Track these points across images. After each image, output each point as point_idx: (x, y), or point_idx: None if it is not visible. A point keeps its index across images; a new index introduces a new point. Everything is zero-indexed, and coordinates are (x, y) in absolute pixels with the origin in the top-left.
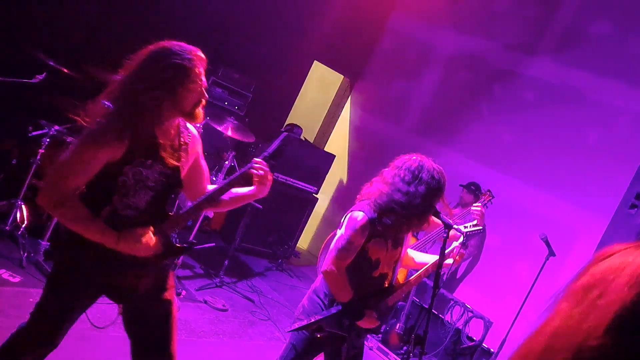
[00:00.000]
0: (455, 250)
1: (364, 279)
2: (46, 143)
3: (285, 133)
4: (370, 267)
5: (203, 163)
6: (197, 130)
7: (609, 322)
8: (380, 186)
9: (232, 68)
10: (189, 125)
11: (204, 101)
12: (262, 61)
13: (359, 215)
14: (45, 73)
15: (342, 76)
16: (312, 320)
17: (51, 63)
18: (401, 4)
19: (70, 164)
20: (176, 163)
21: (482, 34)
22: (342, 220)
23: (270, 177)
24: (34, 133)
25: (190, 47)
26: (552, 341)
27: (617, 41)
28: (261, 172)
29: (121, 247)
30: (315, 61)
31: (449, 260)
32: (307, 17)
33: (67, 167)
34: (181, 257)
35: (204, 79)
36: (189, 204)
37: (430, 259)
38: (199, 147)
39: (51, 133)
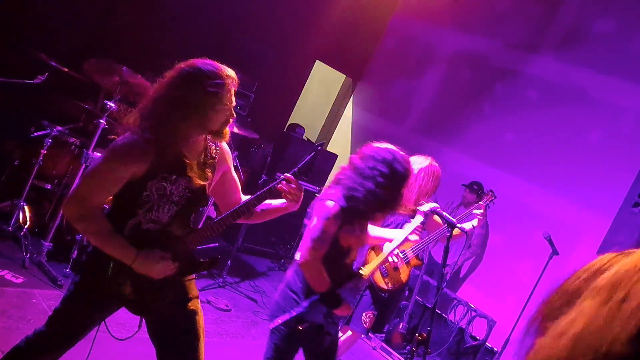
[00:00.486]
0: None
1: (337, 267)
2: (48, 144)
3: (319, 147)
4: (343, 254)
5: (234, 175)
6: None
7: (633, 331)
8: (353, 176)
9: (234, 68)
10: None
11: (231, 120)
12: (264, 61)
13: (331, 204)
14: (46, 73)
15: (344, 76)
16: (294, 314)
17: (53, 63)
18: (403, 4)
19: (94, 179)
20: (203, 182)
21: (484, 33)
22: (310, 210)
23: (301, 192)
24: (36, 134)
25: (222, 67)
26: (576, 343)
27: (620, 39)
28: (291, 188)
29: (136, 267)
30: (317, 61)
31: (414, 237)
32: (309, 17)
33: (92, 182)
34: None
35: (233, 99)
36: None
37: (383, 232)
38: (228, 161)
39: (53, 134)
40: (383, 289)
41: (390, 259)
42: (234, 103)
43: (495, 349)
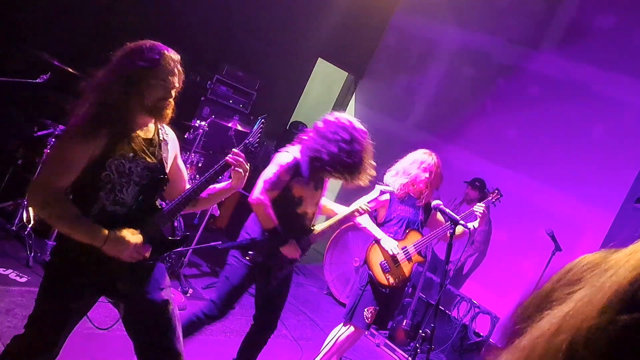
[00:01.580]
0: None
1: (288, 213)
2: (52, 143)
3: (262, 119)
4: (294, 203)
5: (181, 163)
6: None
7: (606, 302)
8: (316, 138)
9: (237, 66)
10: (165, 126)
11: (171, 100)
12: (266, 59)
13: (288, 156)
14: (50, 73)
15: (347, 73)
16: (241, 242)
17: (56, 63)
18: (404, 1)
19: (53, 164)
20: (154, 158)
21: (486, 30)
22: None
23: (245, 166)
24: (40, 133)
25: (164, 47)
26: (562, 323)
27: (621, 34)
28: (238, 160)
29: (106, 249)
30: (319, 59)
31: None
32: (311, 15)
33: (51, 167)
34: (187, 256)
35: (172, 78)
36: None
37: (336, 208)
38: (177, 147)
39: (56, 133)
40: (384, 285)
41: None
42: (175, 84)
43: (499, 346)
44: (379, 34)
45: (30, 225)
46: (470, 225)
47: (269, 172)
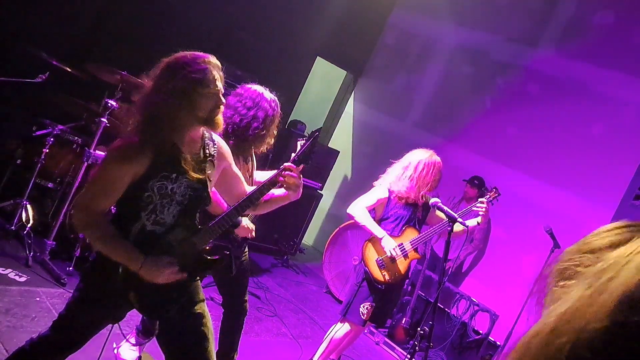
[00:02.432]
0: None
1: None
2: (50, 142)
3: (317, 133)
4: None
5: (236, 170)
6: (227, 143)
7: (612, 305)
8: (231, 112)
9: (235, 65)
10: (215, 137)
11: (222, 107)
12: (264, 58)
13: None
14: (48, 72)
15: (345, 72)
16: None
17: (54, 62)
18: None
19: (97, 185)
20: (201, 176)
21: (485, 28)
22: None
23: (300, 180)
24: (38, 132)
25: (203, 54)
26: (558, 324)
27: (620, 32)
28: (292, 176)
29: (143, 273)
30: (318, 57)
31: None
32: (310, 14)
33: (95, 189)
34: None
35: (219, 84)
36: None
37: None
38: (227, 157)
39: (55, 132)
40: (379, 281)
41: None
42: (220, 89)
43: (498, 343)
44: (377, 33)
45: (29, 225)
46: (473, 221)
47: None
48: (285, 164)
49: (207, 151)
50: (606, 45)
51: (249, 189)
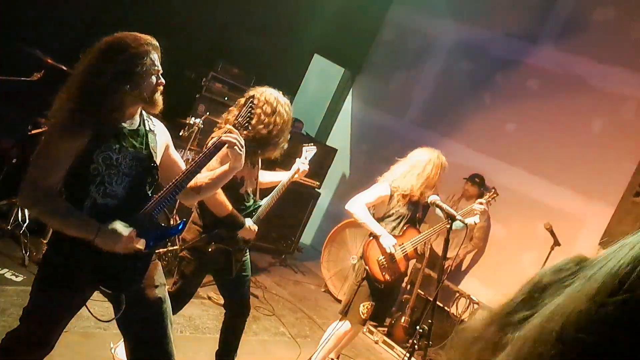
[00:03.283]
0: None
1: (234, 195)
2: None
3: (249, 96)
4: (237, 184)
5: (174, 152)
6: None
7: (597, 288)
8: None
9: (232, 62)
10: (152, 118)
11: (161, 87)
12: (261, 55)
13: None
14: (43, 71)
15: (343, 69)
16: (202, 237)
17: (49, 60)
18: None
19: (40, 161)
20: (145, 147)
21: (483, 24)
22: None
23: (241, 143)
24: (34, 131)
25: (143, 35)
26: (552, 313)
27: (620, 27)
28: (233, 138)
29: (99, 242)
30: (315, 54)
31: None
32: (307, 10)
33: (39, 165)
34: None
35: (158, 64)
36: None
37: (277, 176)
38: (167, 136)
39: None
40: (380, 280)
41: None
42: (159, 69)
43: None
44: (375, 29)
45: (25, 224)
46: (470, 220)
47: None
48: (227, 126)
49: (148, 127)
50: (606, 40)
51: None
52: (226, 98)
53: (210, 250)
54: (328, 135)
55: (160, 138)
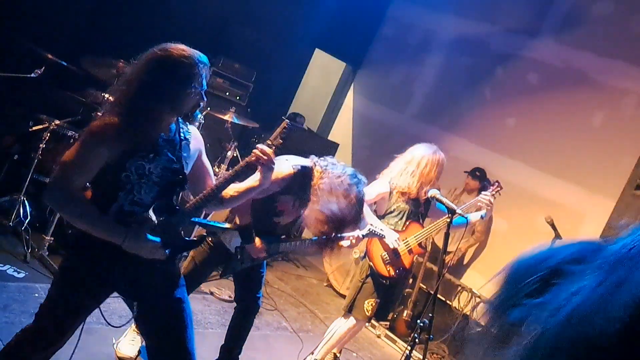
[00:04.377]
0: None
1: (265, 220)
2: (47, 137)
3: (286, 120)
4: (274, 213)
5: (205, 160)
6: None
7: (628, 308)
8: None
9: (233, 58)
10: (188, 124)
11: (201, 104)
12: (262, 50)
13: (286, 166)
14: (43, 67)
15: (344, 64)
16: (209, 224)
17: (50, 57)
18: None
19: (72, 162)
20: (177, 157)
21: (484, 18)
22: None
23: (272, 163)
24: (35, 128)
25: (194, 52)
26: (569, 322)
27: (620, 21)
28: (264, 157)
29: (127, 246)
30: (316, 49)
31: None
32: (308, 5)
33: (70, 165)
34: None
35: (204, 83)
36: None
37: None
38: (200, 145)
39: (52, 127)
40: (384, 276)
41: None
42: (204, 87)
43: None
44: (376, 24)
45: (27, 221)
46: (477, 215)
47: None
48: (258, 145)
49: (182, 135)
50: (606, 34)
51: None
52: (227, 93)
53: (209, 240)
54: (330, 130)
55: (194, 146)
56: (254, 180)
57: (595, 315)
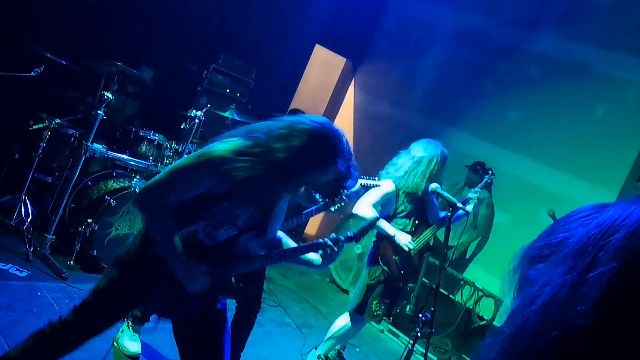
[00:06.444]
0: None
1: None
2: (47, 136)
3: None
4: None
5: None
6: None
7: (596, 299)
8: None
9: (233, 54)
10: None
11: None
12: (263, 46)
13: None
14: (43, 66)
15: (345, 59)
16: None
17: (49, 55)
18: None
19: (182, 176)
20: (264, 215)
21: (484, 11)
22: None
23: (336, 256)
24: (35, 127)
25: (349, 147)
26: (545, 315)
27: (621, 12)
28: (331, 250)
29: (179, 273)
30: (317, 45)
31: None
32: (307, 1)
33: (179, 178)
34: None
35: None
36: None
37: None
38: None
39: (52, 126)
40: (398, 279)
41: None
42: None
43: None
44: (376, 19)
45: (28, 220)
46: (467, 207)
47: None
48: (333, 235)
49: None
50: (607, 25)
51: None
52: (228, 90)
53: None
54: None
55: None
56: (315, 260)
57: (571, 298)
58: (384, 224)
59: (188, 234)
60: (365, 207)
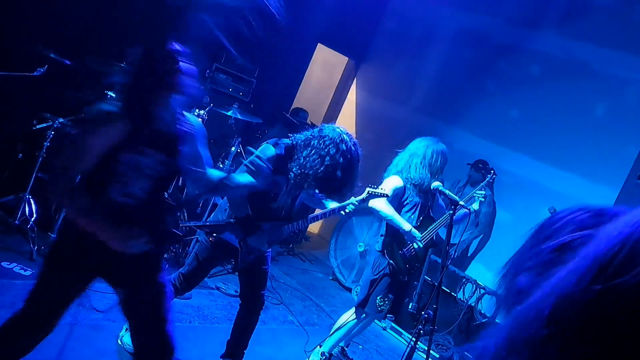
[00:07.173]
0: None
1: (264, 208)
2: (51, 136)
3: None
4: (270, 199)
5: (202, 151)
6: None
7: (585, 271)
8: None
9: (235, 54)
10: (188, 114)
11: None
12: (265, 46)
13: (270, 150)
14: (46, 65)
15: (347, 58)
16: (207, 224)
17: (52, 55)
18: None
19: (73, 151)
20: (169, 152)
21: (485, 10)
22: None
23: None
24: (39, 126)
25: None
26: (551, 290)
27: (621, 11)
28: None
29: (111, 244)
30: (319, 44)
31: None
32: (310, 0)
33: (71, 154)
34: (192, 246)
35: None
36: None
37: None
38: (199, 136)
39: (55, 126)
40: (404, 274)
41: None
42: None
43: None
44: (378, 18)
45: (32, 219)
46: (471, 207)
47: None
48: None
49: (181, 126)
50: (607, 24)
51: (215, 172)
52: (230, 89)
53: (210, 239)
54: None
55: (191, 137)
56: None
57: (575, 286)
58: (399, 219)
59: (107, 202)
60: (379, 201)
